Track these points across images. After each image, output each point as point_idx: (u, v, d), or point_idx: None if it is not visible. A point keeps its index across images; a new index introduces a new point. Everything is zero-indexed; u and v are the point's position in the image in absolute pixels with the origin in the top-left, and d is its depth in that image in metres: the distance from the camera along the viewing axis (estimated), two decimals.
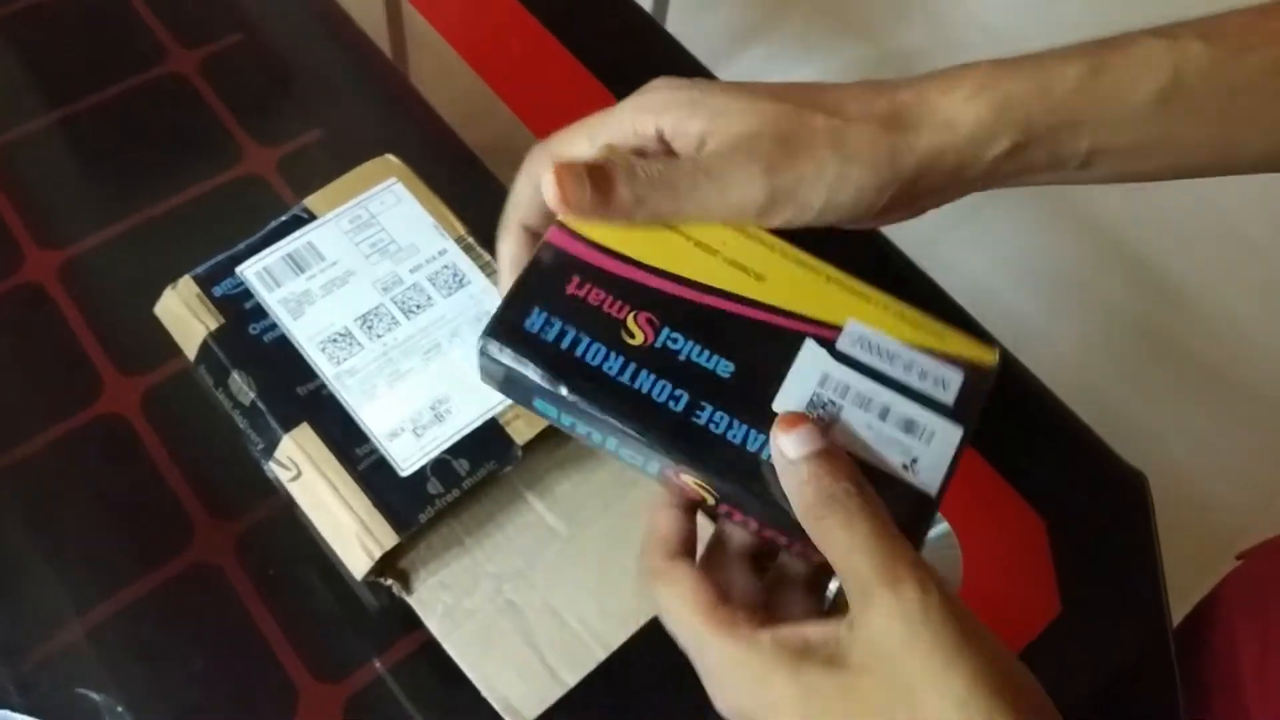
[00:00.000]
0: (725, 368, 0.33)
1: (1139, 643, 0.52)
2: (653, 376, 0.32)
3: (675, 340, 0.33)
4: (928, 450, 0.32)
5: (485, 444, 0.47)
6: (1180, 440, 1.36)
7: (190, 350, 0.50)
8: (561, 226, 0.35)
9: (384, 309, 0.50)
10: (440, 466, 0.46)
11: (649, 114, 0.35)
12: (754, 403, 0.32)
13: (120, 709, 0.46)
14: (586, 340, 0.33)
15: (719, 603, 0.31)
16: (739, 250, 0.34)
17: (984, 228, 1.46)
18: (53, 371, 0.56)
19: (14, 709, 0.45)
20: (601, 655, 0.46)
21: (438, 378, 0.48)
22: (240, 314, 0.49)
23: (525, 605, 0.47)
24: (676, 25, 1.43)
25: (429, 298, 0.51)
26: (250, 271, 0.50)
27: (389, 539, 0.45)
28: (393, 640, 0.49)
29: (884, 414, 0.32)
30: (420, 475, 0.46)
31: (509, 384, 0.34)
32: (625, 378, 0.32)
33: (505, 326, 0.33)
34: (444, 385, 0.48)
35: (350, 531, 0.45)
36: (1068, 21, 1.70)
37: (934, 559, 0.41)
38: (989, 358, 0.34)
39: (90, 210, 0.61)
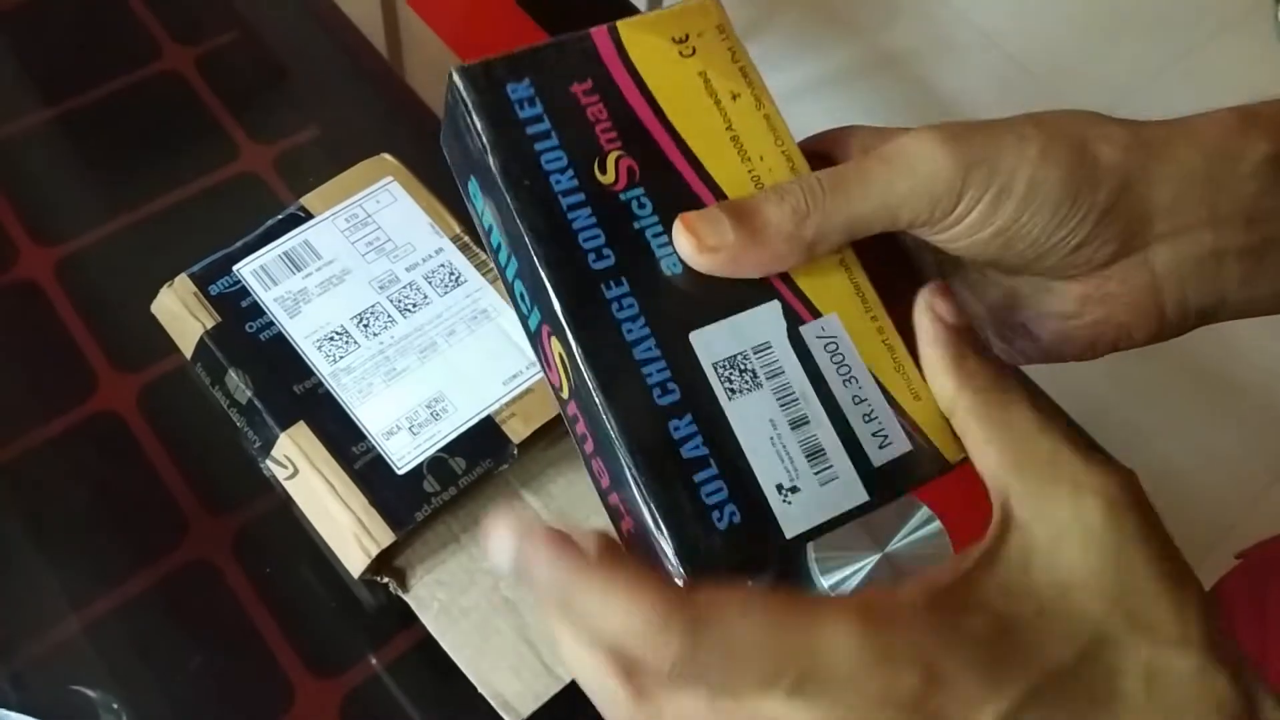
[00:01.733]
0: (672, 267, 0.28)
1: None
2: (593, 221, 0.28)
3: (643, 206, 0.28)
4: (815, 491, 0.27)
5: (481, 442, 0.47)
6: (1169, 438, 1.37)
7: (187, 348, 0.50)
8: (612, 31, 0.30)
9: (380, 307, 0.50)
10: (436, 465, 0.46)
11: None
12: (672, 318, 0.28)
13: (116, 706, 0.46)
14: (555, 143, 0.28)
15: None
16: (770, 173, 0.29)
17: None
18: (48, 368, 0.56)
19: (9, 707, 0.45)
20: None
21: (434, 376, 0.49)
22: (237, 312, 0.49)
23: (521, 602, 0.47)
24: None
25: (425, 296, 0.51)
26: (247, 270, 0.51)
27: (385, 537, 0.45)
28: (389, 637, 0.49)
29: (797, 424, 0.27)
30: (417, 473, 0.46)
31: (455, 138, 0.30)
32: (567, 202, 0.28)
33: (487, 75, 0.29)
34: (440, 384, 0.48)
35: (347, 529, 0.45)
36: (1059, 21, 1.71)
37: (925, 558, 0.41)
38: (952, 455, 0.28)
39: (86, 207, 0.61)
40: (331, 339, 0.49)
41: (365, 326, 0.50)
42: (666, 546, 0.26)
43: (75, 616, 0.49)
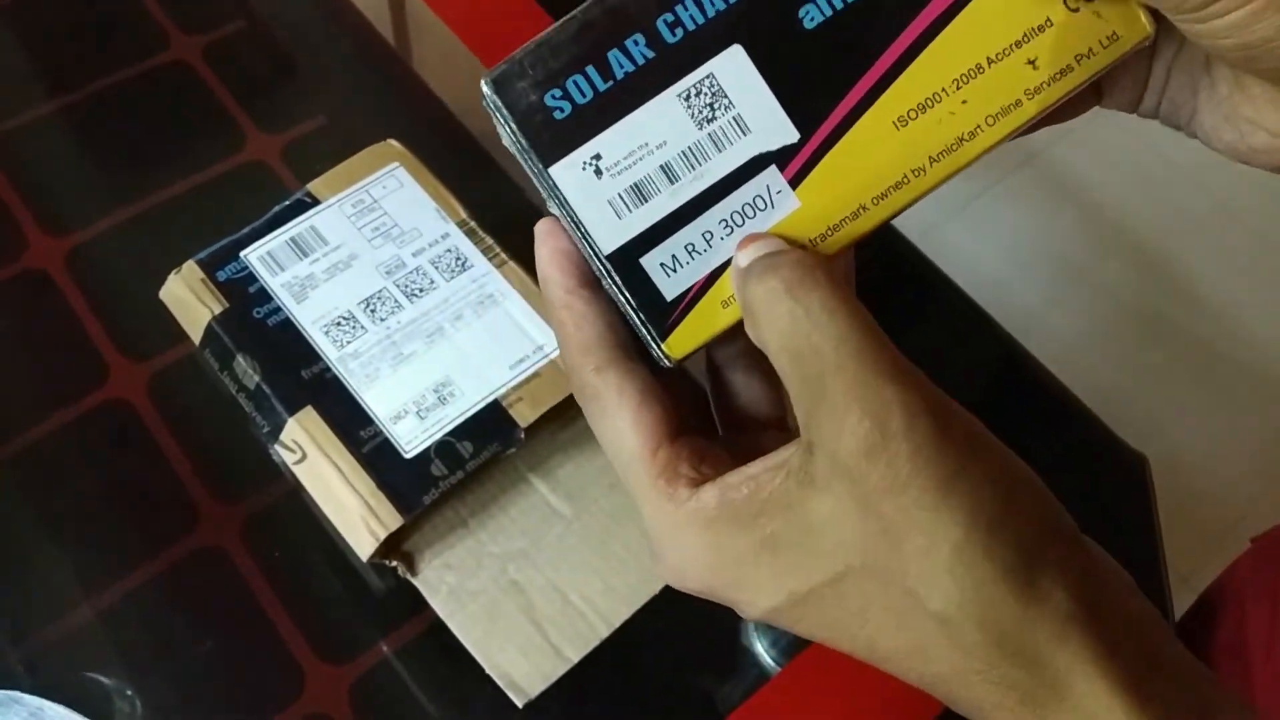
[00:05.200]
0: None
1: None
2: None
3: None
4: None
5: (488, 426, 0.47)
6: (1182, 425, 1.36)
7: (195, 334, 0.50)
8: None
9: (387, 292, 0.50)
10: (444, 449, 0.47)
11: None
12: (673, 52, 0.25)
13: (129, 692, 0.47)
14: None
15: (662, 440, 0.25)
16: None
17: (986, 214, 1.45)
18: (58, 357, 0.56)
19: (23, 692, 0.46)
20: (605, 632, 0.47)
21: (441, 360, 0.49)
22: (244, 298, 0.50)
23: (529, 585, 0.47)
24: None
25: (431, 281, 0.51)
26: (254, 256, 0.51)
27: (393, 521, 0.45)
28: (398, 622, 0.49)
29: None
30: (424, 457, 0.46)
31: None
32: None
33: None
34: (447, 368, 0.48)
35: (355, 514, 0.45)
36: None
37: None
38: None
39: (95, 197, 0.61)
40: (339, 324, 0.49)
41: (372, 311, 0.50)
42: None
43: (87, 603, 0.49)
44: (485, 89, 0.25)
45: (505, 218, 0.55)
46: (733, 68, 0.25)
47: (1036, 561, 0.23)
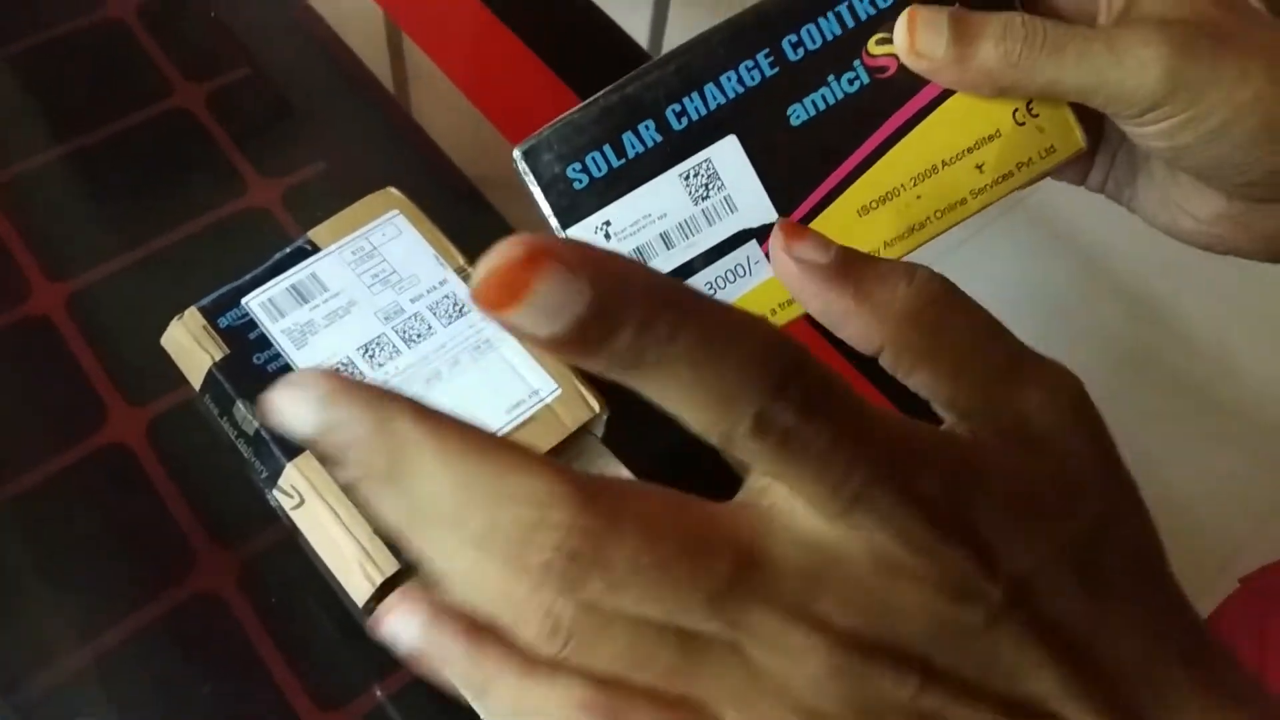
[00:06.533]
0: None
1: None
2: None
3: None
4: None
5: None
6: (1172, 465, 1.36)
7: (196, 380, 0.50)
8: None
9: (385, 338, 0.51)
10: None
11: None
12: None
13: None
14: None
15: None
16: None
17: (976, 257, 1.47)
18: (59, 402, 0.56)
19: None
20: None
21: (438, 405, 0.49)
22: (245, 344, 0.50)
23: None
24: None
25: (429, 327, 0.51)
26: (255, 302, 0.51)
27: (390, 565, 0.45)
28: (394, 666, 0.50)
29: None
30: None
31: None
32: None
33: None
34: None
35: (352, 558, 0.45)
36: None
37: None
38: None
39: (98, 243, 0.62)
40: (338, 370, 0.50)
41: (371, 357, 0.50)
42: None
43: (83, 648, 0.49)
44: (517, 157, 0.29)
45: None
46: (727, 154, 0.29)
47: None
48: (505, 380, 0.50)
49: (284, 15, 0.74)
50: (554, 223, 0.29)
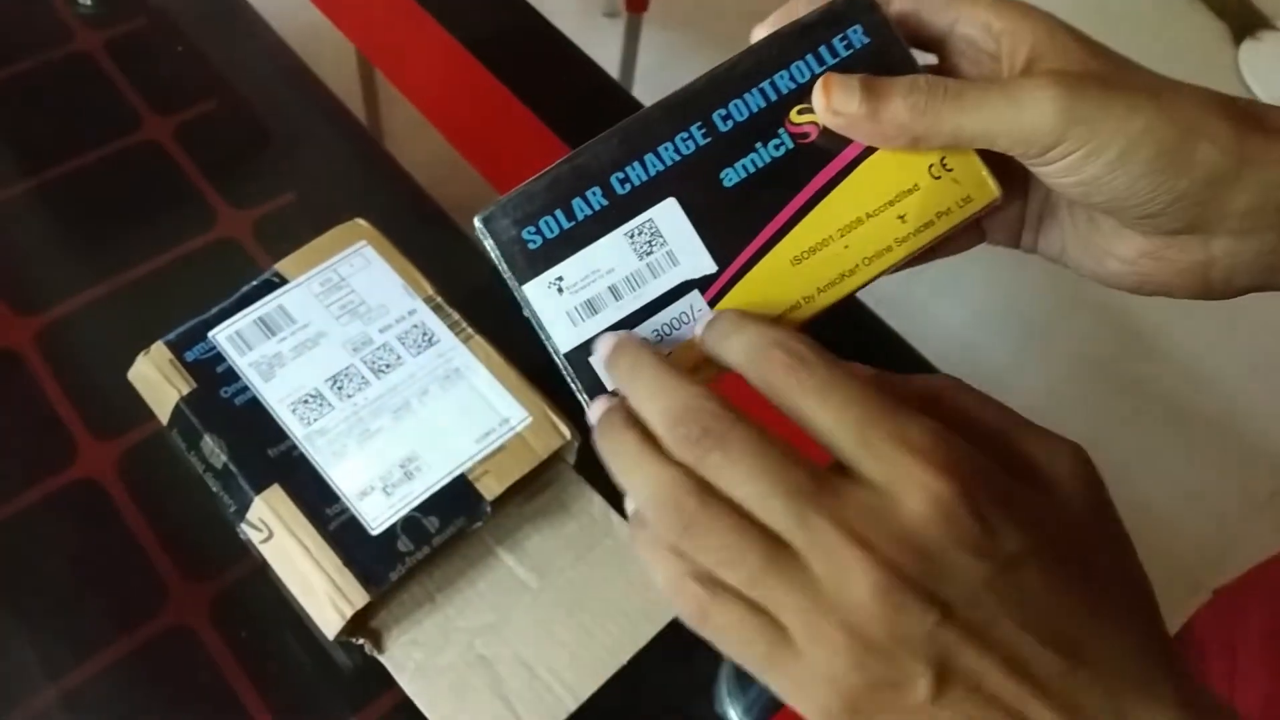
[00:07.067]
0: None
1: None
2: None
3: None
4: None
5: (454, 501, 0.48)
6: (1149, 478, 1.37)
7: (163, 415, 0.50)
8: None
9: (354, 369, 0.51)
10: (410, 524, 0.47)
11: (986, 9, 0.32)
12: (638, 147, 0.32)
13: None
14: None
15: None
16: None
17: (953, 276, 1.48)
18: (28, 437, 0.56)
19: None
20: (572, 706, 0.47)
21: (407, 436, 0.49)
22: (212, 378, 0.50)
23: (496, 659, 0.48)
24: (641, 89, 1.46)
25: (398, 357, 0.52)
26: (222, 336, 0.51)
27: (360, 598, 0.45)
28: (366, 700, 0.49)
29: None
30: (390, 533, 0.47)
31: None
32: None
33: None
34: (413, 443, 0.49)
35: (321, 591, 0.45)
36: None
37: None
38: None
39: (67, 277, 0.62)
40: (305, 402, 0.50)
41: (339, 389, 0.50)
42: None
43: (54, 684, 0.49)
44: (477, 224, 0.32)
45: (473, 292, 0.55)
46: (667, 214, 0.32)
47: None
48: (476, 409, 0.50)
49: (253, 47, 0.74)
50: (511, 280, 0.32)
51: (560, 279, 0.32)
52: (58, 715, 0.48)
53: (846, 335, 0.36)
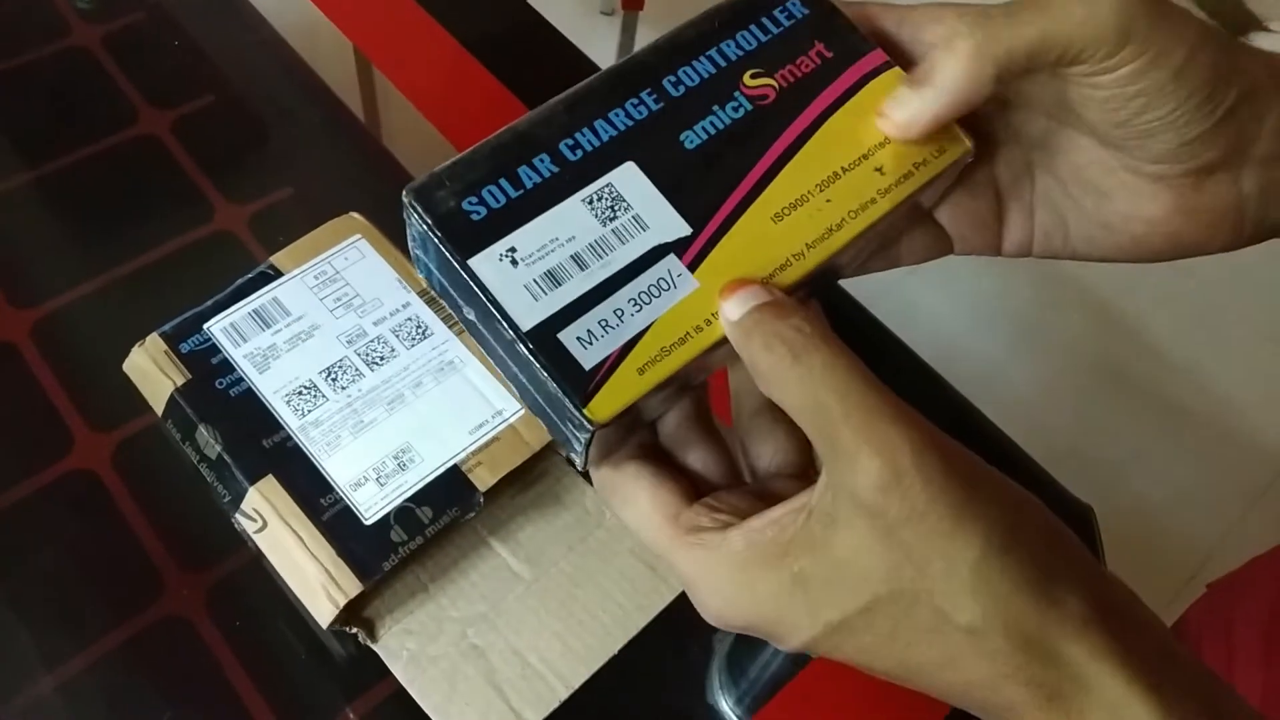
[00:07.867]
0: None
1: None
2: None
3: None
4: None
5: (448, 491, 0.48)
6: (1142, 475, 1.38)
7: (158, 406, 0.51)
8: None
9: (348, 361, 0.51)
10: (403, 514, 0.47)
11: None
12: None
13: None
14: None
15: (681, 507, 0.29)
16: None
17: (945, 270, 1.48)
18: (23, 428, 0.56)
19: None
20: (564, 694, 0.47)
21: (401, 427, 0.50)
22: (207, 369, 0.50)
23: (489, 648, 0.48)
24: None
25: (392, 349, 0.52)
26: (217, 328, 0.52)
27: (353, 587, 0.46)
28: (360, 689, 0.50)
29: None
30: (384, 523, 0.47)
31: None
32: None
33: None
34: (407, 434, 0.49)
35: (315, 581, 0.46)
36: None
37: None
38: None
39: (64, 269, 0.62)
40: (300, 393, 0.50)
41: (333, 380, 0.51)
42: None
43: (50, 674, 0.49)
44: (405, 198, 0.28)
45: None
46: (628, 179, 0.30)
47: (1050, 572, 0.26)
48: (469, 401, 0.51)
49: (250, 42, 0.74)
50: (452, 258, 0.28)
51: (513, 249, 0.28)
52: (54, 705, 0.49)
53: (839, 331, 0.36)
